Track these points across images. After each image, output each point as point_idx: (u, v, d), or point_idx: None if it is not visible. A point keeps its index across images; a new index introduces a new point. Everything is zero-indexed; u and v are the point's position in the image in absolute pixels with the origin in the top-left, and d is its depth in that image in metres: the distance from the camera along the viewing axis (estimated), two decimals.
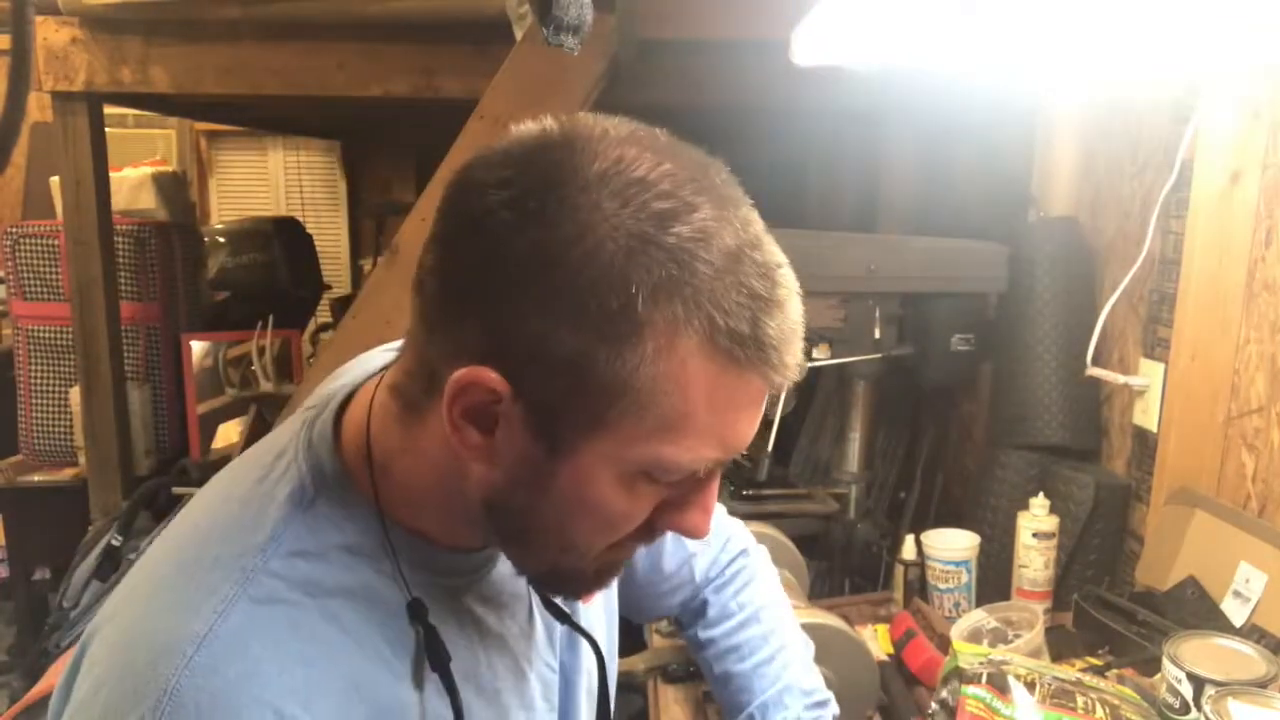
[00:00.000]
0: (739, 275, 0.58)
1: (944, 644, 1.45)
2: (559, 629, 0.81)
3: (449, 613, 0.69)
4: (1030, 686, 1.16)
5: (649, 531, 0.66)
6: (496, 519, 0.65)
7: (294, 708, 0.59)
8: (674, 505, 0.65)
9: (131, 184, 3.64)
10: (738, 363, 0.58)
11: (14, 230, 3.15)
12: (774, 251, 0.61)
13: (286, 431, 0.71)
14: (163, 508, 2.80)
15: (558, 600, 0.78)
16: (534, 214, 0.57)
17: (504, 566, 0.72)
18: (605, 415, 0.58)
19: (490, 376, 0.58)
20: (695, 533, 0.66)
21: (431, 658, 0.66)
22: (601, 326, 0.56)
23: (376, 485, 0.66)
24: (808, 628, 1.30)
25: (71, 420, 3.14)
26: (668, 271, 0.56)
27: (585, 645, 0.83)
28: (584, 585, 0.71)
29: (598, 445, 0.59)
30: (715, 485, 0.66)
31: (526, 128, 0.61)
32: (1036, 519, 1.67)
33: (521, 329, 0.57)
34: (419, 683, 0.66)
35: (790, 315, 0.60)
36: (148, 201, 3.67)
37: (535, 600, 0.78)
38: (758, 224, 0.62)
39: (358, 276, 5.68)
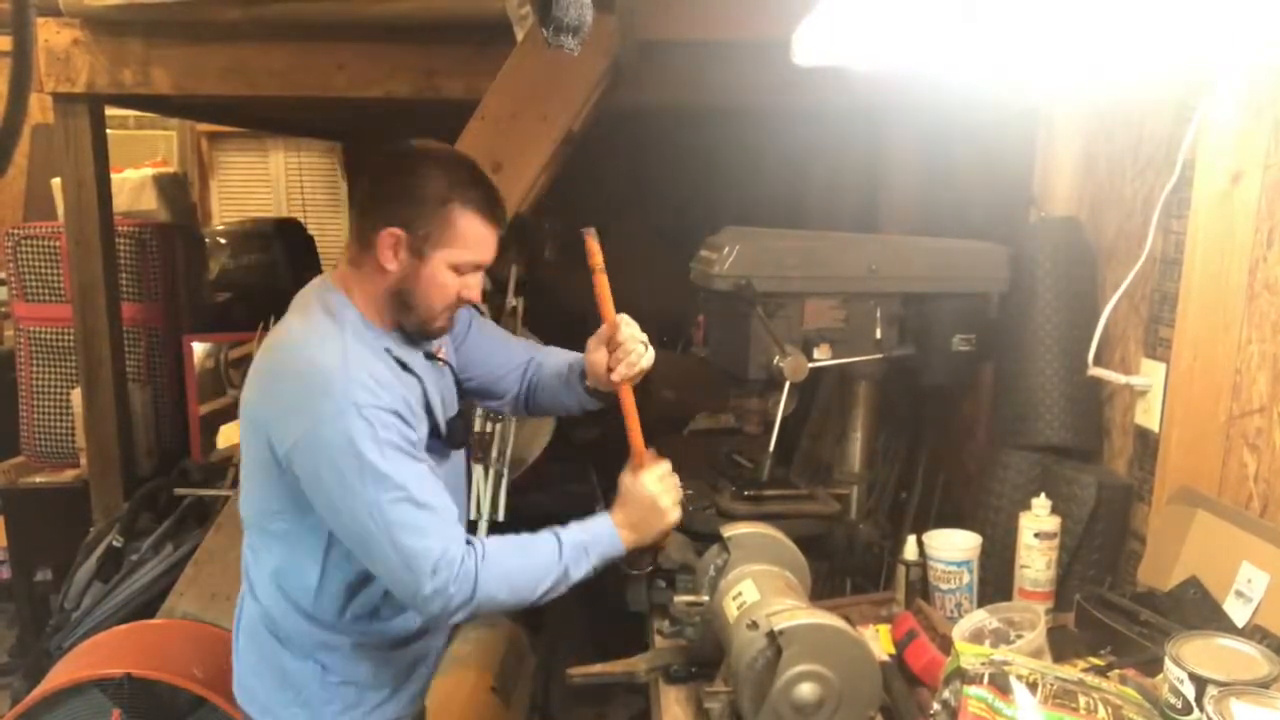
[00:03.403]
0: (484, 189, 1.39)
1: (946, 644, 1.45)
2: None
3: (402, 351, 1.42)
4: (1032, 687, 1.16)
5: (457, 300, 1.41)
6: (398, 299, 1.39)
7: (376, 385, 1.31)
8: (464, 287, 1.41)
9: (133, 185, 3.65)
10: (488, 223, 1.38)
11: (15, 232, 3.16)
12: (487, 180, 1.41)
13: (317, 304, 1.41)
14: (164, 509, 2.81)
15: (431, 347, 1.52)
16: (405, 175, 1.38)
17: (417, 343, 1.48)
18: (441, 244, 1.36)
19: (397, 230, 1.35)
20: (473, 296, 1.43)
21: (405, 367, 1.39)
22: (437, 214, 1.36)
23: (357, 303, 1.41)
24: (809, 628, 1.30)
25: (73, 421, 3.14)
26: (464, 192, 1.36)
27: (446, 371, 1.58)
28: (437, 327, 1.44)
29: (440, 256, 1.37)
30: (480, 275, 1.43)
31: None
32: (1038, 519, 1.67)
33: (405, 215, 1.35)
34: (403, 376, 1.39)
35: (503, 200, 1.43)
36: (149, 203, 3.67)
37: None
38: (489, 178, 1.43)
39: None
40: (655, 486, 1.42)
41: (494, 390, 1.68)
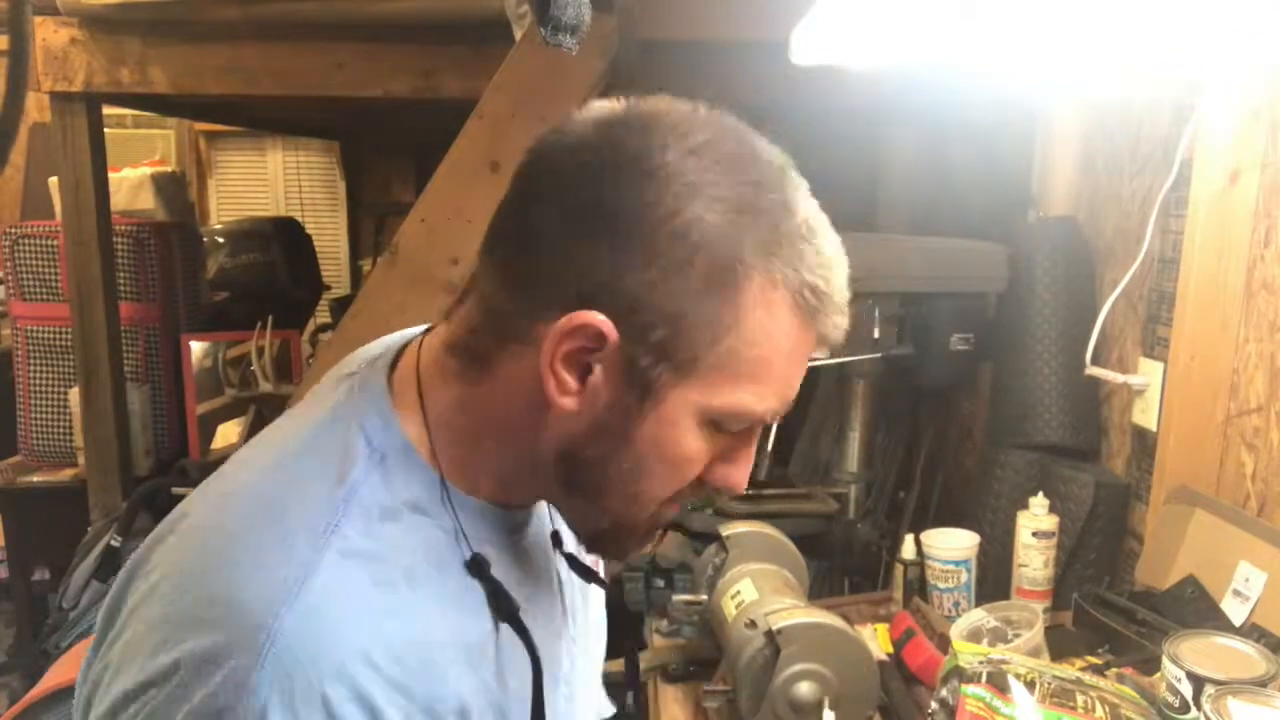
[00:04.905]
0: (815, 241, 0.65)
1: (944, 643, 1.45)
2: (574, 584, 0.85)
3: (510, 563, 0.71)
4: (1030, 686, 1.16)
5: (699, 485, 0.69)
6: (570, 470, 0.67)
7: (387, 659, 0.59)
8: (723, 459, 0.69)
9: (131, 184, 3.64)
10: (814, 318, 0.64)
11: (13, 231, 3.15)
12: (827, 222, 0.68)
13: (330, 395, 0.71)
14: (162, 508, 2.80)
15: (588, 560, 0.82)
16: (645, 174, 0.61)
17: (534, 525, 0.76)
18: (698, 365, 0.62)
19: (599, 320, 0.60)
20: (738, 486, 0.70)
21: (499, 608, 0.67)
22: (707, 280, 0.61)
23: (434, 445, 0.67)
24: (807, 627, 1.30)
25: (71, 421, 3.14)
26: (766, 233, 0.62)
27: (595, 598, 0.88)
28: (634, 541, 0.73)
29: (686, 393, 0.63)
30: (756, 442, 0.71)
31: (603, 103, 0.67)
32: (1036, 518, 1.67)
33: (626, 281, 0.60)
34: (493, 631, 0.68)
35: (845, 277, 0.67)
36: (147, 202, 3.67)
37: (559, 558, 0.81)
38: (812, 198, 0.69)
39: (357, 277, 5.68)
40: None
41: None
